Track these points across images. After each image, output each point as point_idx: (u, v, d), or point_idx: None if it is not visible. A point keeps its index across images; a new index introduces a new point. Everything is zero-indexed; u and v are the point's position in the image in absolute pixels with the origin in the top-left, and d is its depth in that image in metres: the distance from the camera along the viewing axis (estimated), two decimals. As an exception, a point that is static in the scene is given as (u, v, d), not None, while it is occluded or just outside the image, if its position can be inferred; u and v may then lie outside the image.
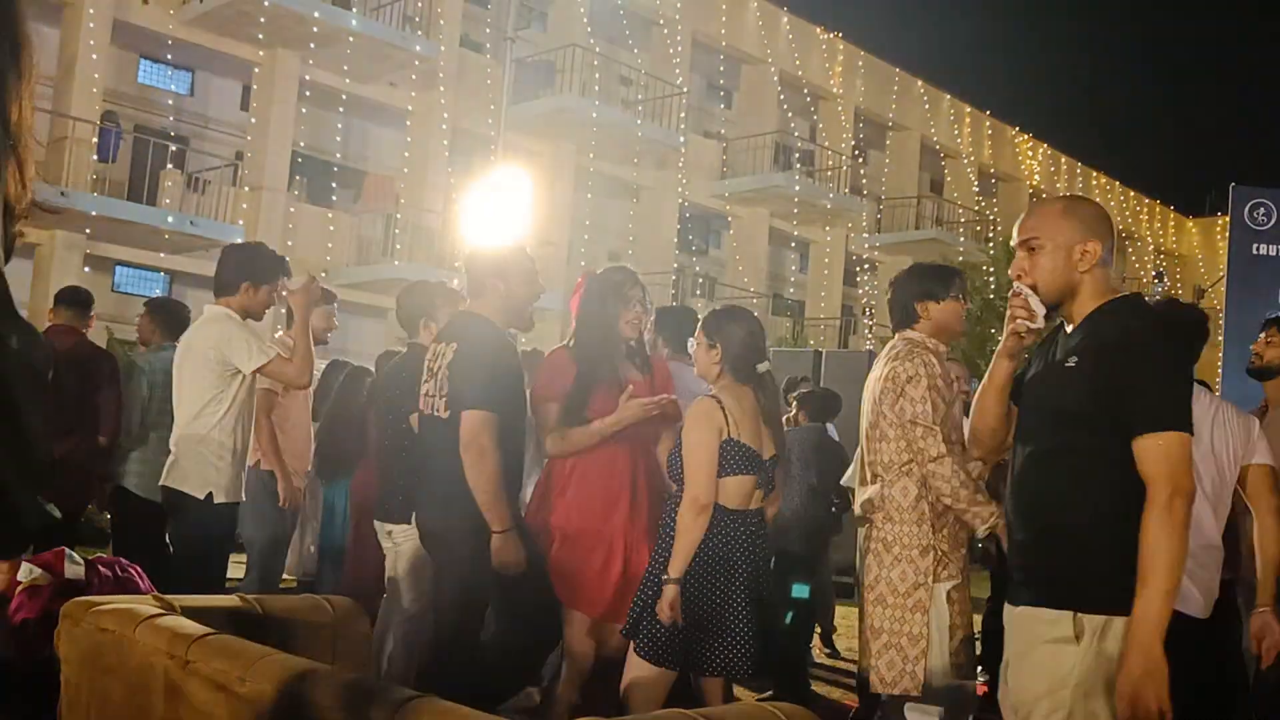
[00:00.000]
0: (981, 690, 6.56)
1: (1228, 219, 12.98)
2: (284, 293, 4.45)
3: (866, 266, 25.81)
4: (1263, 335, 4.46)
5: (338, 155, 18.01)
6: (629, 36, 21.28)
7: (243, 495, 4.41)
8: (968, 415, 3.00)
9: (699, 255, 23.91)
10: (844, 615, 7.68)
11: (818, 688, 6.12)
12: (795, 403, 6.96)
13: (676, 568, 3.36)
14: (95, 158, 15.59)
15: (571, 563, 3.74)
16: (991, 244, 23.35)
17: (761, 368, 3.54)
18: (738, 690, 4.88)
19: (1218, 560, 3.61)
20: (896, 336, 3.82)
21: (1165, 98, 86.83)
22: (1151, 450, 2.37)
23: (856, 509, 3.81)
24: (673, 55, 21.53)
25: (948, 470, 3.49)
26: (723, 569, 3.40)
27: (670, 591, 3.33)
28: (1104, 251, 2.57)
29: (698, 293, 22.88)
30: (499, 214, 13.43)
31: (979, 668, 6.68)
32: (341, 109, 17.64)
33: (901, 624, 3.54)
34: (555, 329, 18.72)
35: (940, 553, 3.54)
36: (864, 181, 25.81)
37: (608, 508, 3.76)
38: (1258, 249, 12.39)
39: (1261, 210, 12.41)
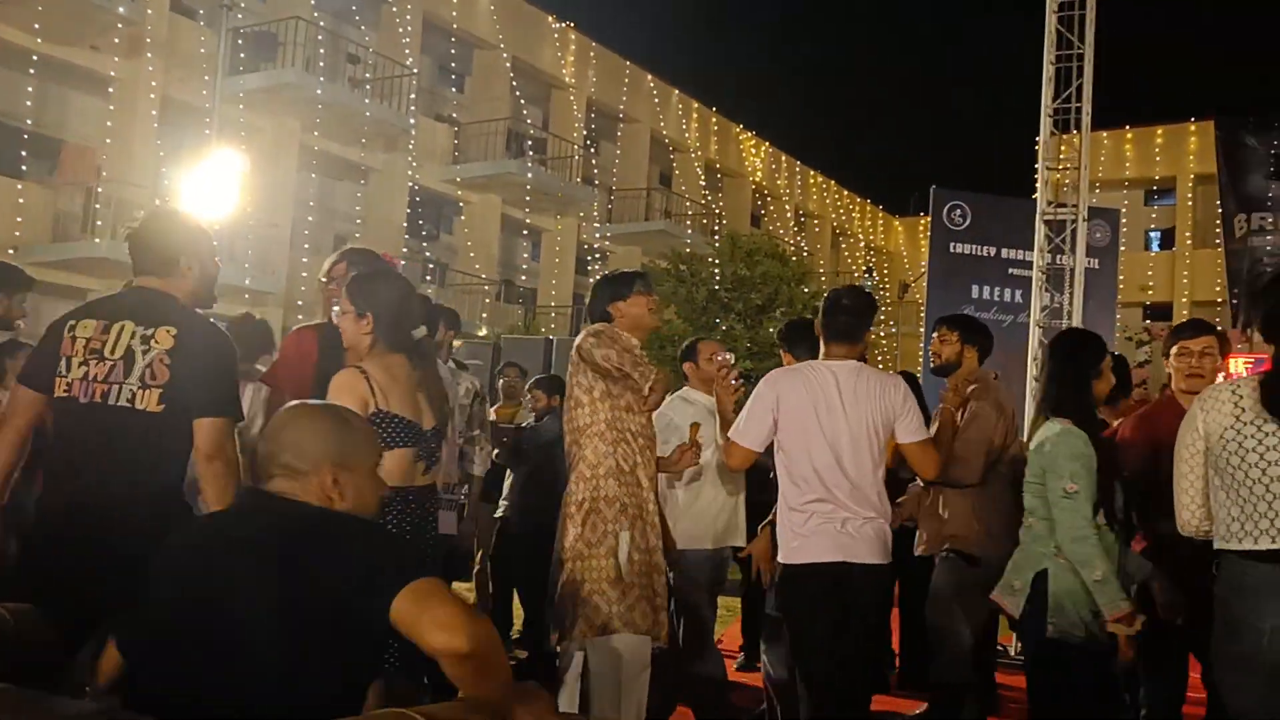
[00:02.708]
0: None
1: (929, 219, 13.90)
2: None
3: (598, 256, 26.13)
4: (935, 335, 4.74)
5: (29, 122, 16.45)
6: (356, 13, 20.58)
7: None
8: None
9: (430, 241, 23.46)
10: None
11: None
12: (534, 389, 6.85)
13: None
14: None
15: None
16: (717, 236, 24.12)
17: (417, 334, 3.39)
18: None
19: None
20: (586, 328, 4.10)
21: (875, 103, 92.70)
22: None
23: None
24: (402, 35, 20.99)
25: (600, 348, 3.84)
26: None
27: None
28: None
29: (428, 279, 22.45)
30: (215, 191, 12.69)
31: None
32: (34, 71, 16.13)
33: (600, 571, 3.76)
34: (278, 314, 17.92)
35: (624, 504, 3.82)
36: (595, 172, 26.09)
37: None
38: (955, 248, 13.28)
39: (958, 212, 13.33)
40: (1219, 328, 4.43)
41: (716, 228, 26.46)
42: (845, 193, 34.92)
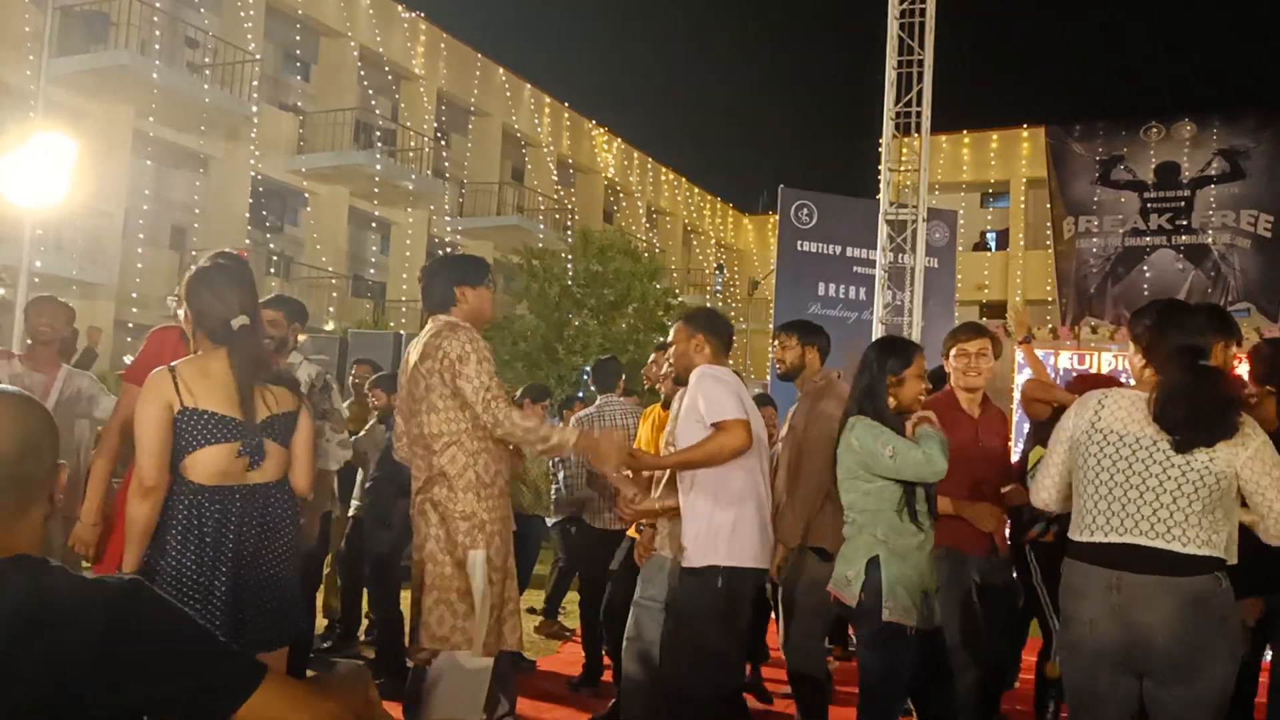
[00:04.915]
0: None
1: (778, 217, 14.16)
2: None
3: (449, 250, 25.78)
4: (776, 342, 4.90)
5: None
6: (195, -6, 19.83)
7: None
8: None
9: (274, 232, 22.74)
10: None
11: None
12: (375, 387, 6.74)
13: (130, 560, 3.09)
14: None
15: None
16: (570, 232, 24.08)
17: (236, 323, 3.27)
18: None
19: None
20: (432, 320, 3.93)
21: (726, 102, 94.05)
22: None
23: (418, 481, 3.85)
24: (244, 20, 20.28)
25: (516, 419, 3.67)
26: (211, 549, 3.10)
27: None
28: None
29: (272, 271, 21.78)
30: (40, 177, 12.02)
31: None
32: None
33: (450, 580, 3.64)
34: (109, 307, 17.12)
35: (480, 521, 3.67)
36: (446, 165, 25.74)
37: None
38: (802, 246, 13.58)
39: (805, 210, 13.63)
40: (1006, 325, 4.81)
41: (569, 223, 26.43)
42: (696, 190, 35.32)
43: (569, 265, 20.69)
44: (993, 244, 31.28)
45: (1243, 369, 4.68)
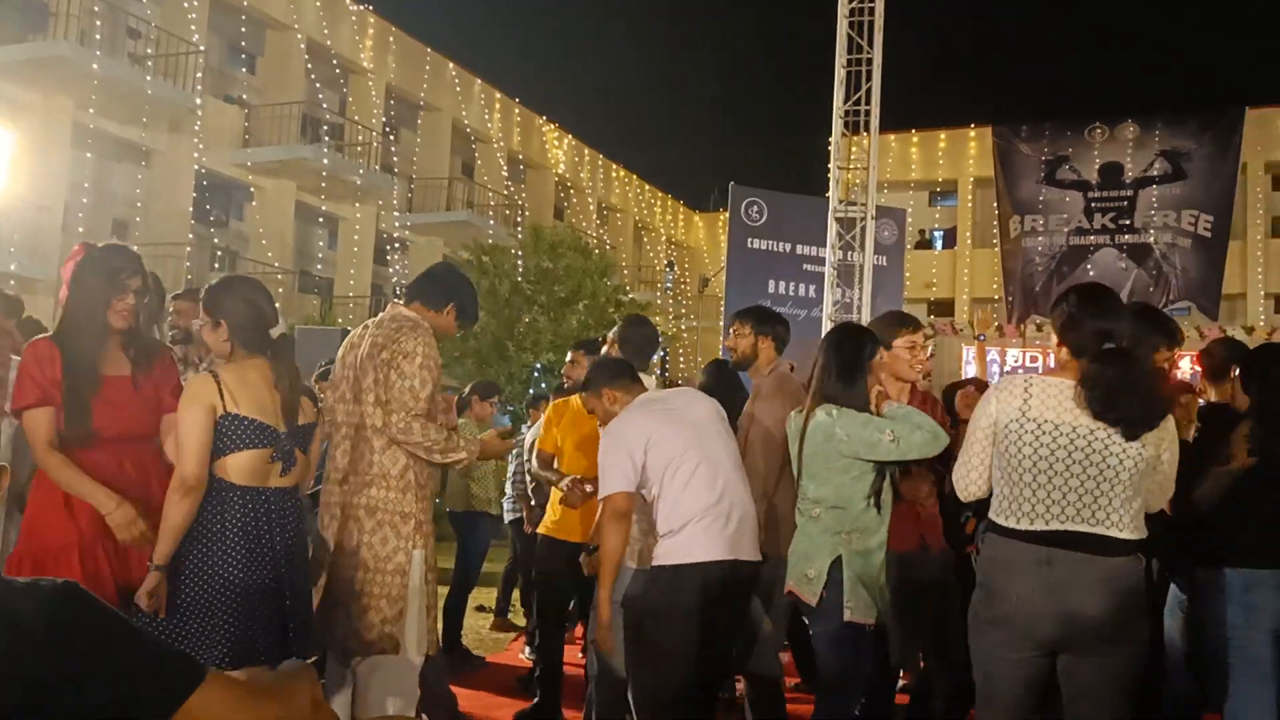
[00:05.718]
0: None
1: (728, 215, 14.20)
2: None
3: (397, 245, 25.58)
4: (731, 330, 4.83)
5: None
6: (138, -16, 19.47)
7: None
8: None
9: (219, 227, 22.41)
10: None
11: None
12: (322, 381, 6.65)
13: (162, 553, 3.16)
14: None
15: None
16: (520, 228, 23.98)
17: (275, 332, 3.39)
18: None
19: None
20: (393, 307, 3.91)
21: (677, 100, 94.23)
22: None
23: (330, 471, 3.80)
24: (188, 10, 19.93)
25: (417, 431, 3.63)
26: (246, 548, 3.22)
27: (152, 579, 3.13)
28: None
29: (217, 266, 21.47)
30: (-24, 169, 11.78)
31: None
32: None
33: (382, 587, 3.62)
34: (48, 303, 16.77)
35: (419, 521, 3.68)
36: (395, 160, 25.51)
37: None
38: (752, 243, 13.63)
39: (755, 208, 13.68)
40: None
41: (519, 219, 26.32)
42: (647, 187, 35.30)
43: (519, 262, 20.60)
44: (938, 243, 31.58)
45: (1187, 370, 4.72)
